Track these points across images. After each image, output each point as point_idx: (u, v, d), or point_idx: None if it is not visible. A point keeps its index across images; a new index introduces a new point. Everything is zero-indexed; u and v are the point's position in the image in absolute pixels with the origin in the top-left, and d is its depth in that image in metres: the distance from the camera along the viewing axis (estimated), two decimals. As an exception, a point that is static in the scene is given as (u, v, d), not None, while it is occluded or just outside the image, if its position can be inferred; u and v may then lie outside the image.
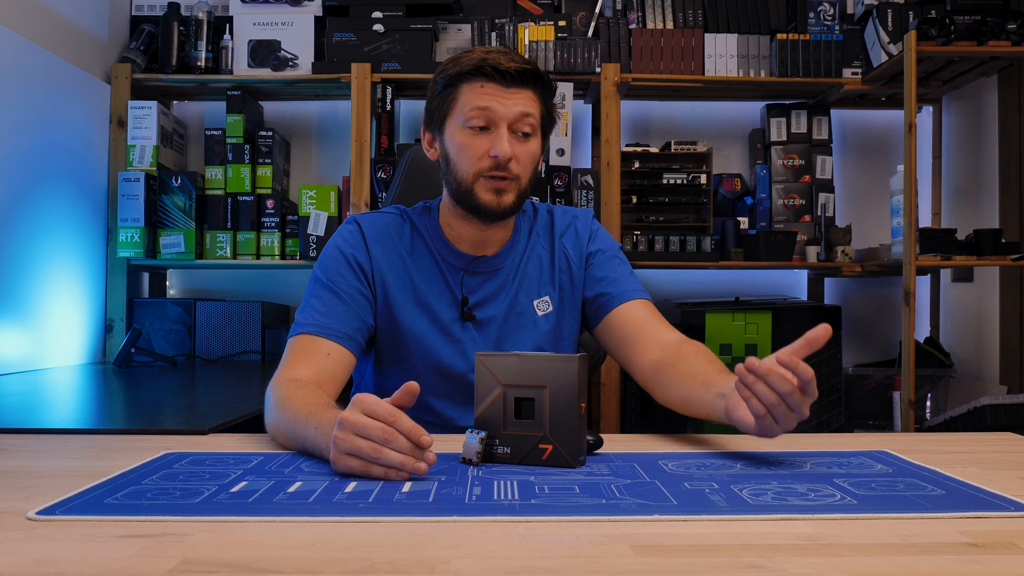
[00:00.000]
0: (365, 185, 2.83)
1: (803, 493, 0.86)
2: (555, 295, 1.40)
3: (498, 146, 1.25)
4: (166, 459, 1.02)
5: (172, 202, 2.87)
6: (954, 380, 2.95)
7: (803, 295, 3.25)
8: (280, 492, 0.85)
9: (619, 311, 1.36)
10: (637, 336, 1.33)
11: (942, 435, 1.34)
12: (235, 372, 2.47)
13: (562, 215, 1.45)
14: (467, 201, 1.30)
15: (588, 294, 1.41)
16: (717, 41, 2.97)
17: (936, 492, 0.87)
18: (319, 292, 1.31)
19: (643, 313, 1.36)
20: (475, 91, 1.27)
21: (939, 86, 3.00)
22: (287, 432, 1.08)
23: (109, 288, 2.85)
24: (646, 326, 1.34)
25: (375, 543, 0.70)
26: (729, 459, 1.05)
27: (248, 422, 1.45)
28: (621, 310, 1.36)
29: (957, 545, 0.70)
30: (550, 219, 1.44)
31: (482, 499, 0.83)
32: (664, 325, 1.35)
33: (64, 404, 1.77)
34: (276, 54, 2.91)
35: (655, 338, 1.32)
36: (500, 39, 2.90)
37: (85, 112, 2.74)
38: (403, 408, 0.93)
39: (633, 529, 0.74)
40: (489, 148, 1.26)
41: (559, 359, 1.01)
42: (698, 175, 2.99)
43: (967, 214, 3.03)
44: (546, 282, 1.40)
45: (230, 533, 0.72)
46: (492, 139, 1.26)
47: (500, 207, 1.29)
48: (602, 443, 1.10)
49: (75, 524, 0.75)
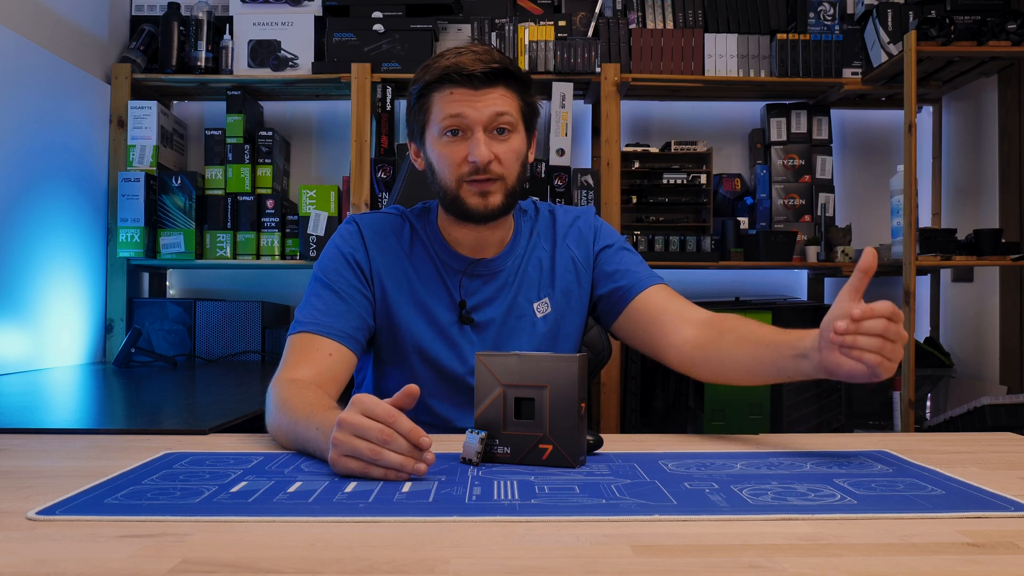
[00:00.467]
0: (365, 185, 2.83)
1: (803, 493, 0.86)
2: (555, 297, 1.39)
3: (474, 151, 1.24)
4: (166, 459, 1.02)
5: (172, 202, 2.87)
6: (954, 380, 2.95)
7: (803, 295, 3.25)
8: (280, 492, 0.85)
9: (639, 300, 1.35)
10: (664, 318, 1.32)
11: (942, 435, 1.34)
12: (235, 372, 2.47)
13: (564, 215, 1.44)
14: (455, 207, 1.29)
15: (601, 291, 1.39)
16: (717, 41, 2.97)
17: (936, 492, 0.87)
18: (319, 291, 1.30)
19: (664, 296, 1.35)
20: (445, 99, 1.26)
21: (939, 86, 3.00)
22: (288, 433, 1.08)
23: (109, 288, 2.85)
24: (670, 307, 1.33)
25: (375, 543, 0.70)
26: (729, 459, 1.05)
27: (248, 422, 1.45)
28: (641, 299, 1.35)
29: (957, 545, 0.70)
30: (552, 220, 1.43)
31: (482, 499, 0.83)
32: (689, 305, 1.34)
33: (64, 404, 1.77)
34: (276, 54, 2.91)
35: (685, 316, 1.31)
36: (500, 39, 2.90)
37: (85, 112, 2.74)
38: (403, 410, 0.93)
39: (633, 529, 0.74)
40: (467, 154, 1.25)
41: (559, 359, 1.01)
42: (698, 175, 2.99)
43: (967, 214, 3.03)
44: (545, 284, 1.39)
45: (230, 533, 0.72)
46: (469, 144, 1.26)
47: (488, 209, 1.28)
48: (602, 443, 1.10)
49: (75, 524, 0.75)
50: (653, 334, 1.33)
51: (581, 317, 1.42)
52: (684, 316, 1.31)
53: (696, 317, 1.31)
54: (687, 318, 1.31)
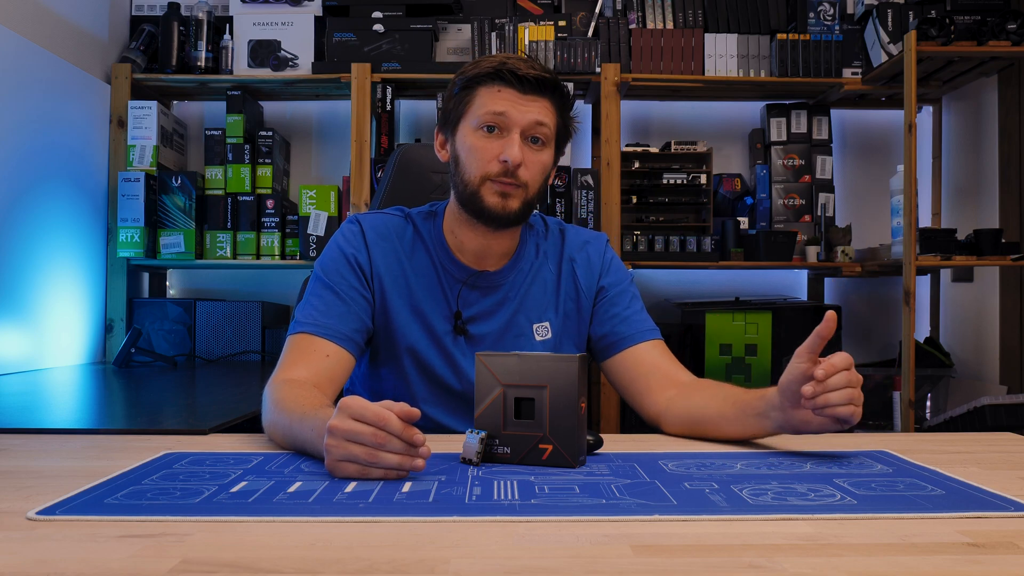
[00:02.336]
0: (365, 185, 2.83)
1: (803, 493, 0.86)
2: (556, 321, 1.38)
3: (508, 150, 1.24)
4: (166, 459, 1.02)
5: (172, 202, 2.87)
6: (954, 380, 2.95)
7: (803, 295, 3.25)
8: (280, 492, 0.85)
9: (631, 353, 1.35)
10: (651, 376, 1.32)
11: (942, 435, 1.34)
12: (235, 372, 2.47)
13: (575, 236, 1.42)
14: (472, 204, 1.28)
15: (597, 331, 1.38)
16: (717, 41, 2.97)
17: (936, 492, 0.87)
18: (319, 291, 1.30)
19: (656, 355, 1.35)
20: (492, 95, 1.25)
21: (939, 86, 3.00)
22: (284, 433, 1.08)
23: (109, 288, 2.85)
24: (661, 366, 1.33)
25: (375, 543, 0.70)
26: (729, 459, 1.05)
27: (248, 422, 1.45)
28: (633, 352, 1.35)
29: (957, 545, 0.70)
30: (561, 240, 1.41)
31: (482, 499, 0.83)
32: (678, 366, 1.34)
33: (64, 404, 1.77)
34: (276, 54, 2.91)
35: (670, 377, 1.31)
36: (500, 39, 2.90)
37: (85, 112, 2.74)
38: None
39: (633, 529, 0.74)
40: (499, 152, 1.25)
41: (559, 359, 1.01)
42: (698, 175, 2.99)
43: (967, 214, 3.03)
44: (548, 307, 1.38)
45: (230, 533, 0.72)
46: (504, 143, 1.25)
47: (505, 211, 1.27)
48: (602, 443, 1.10)
49: (75, 524, 0.75)
50: (638, 389, 1.33)
51: (577, 346, 1.40)
52: (671, 378, 1.31)
53: (680, 379, 1.31)
54: (673, 380, 1.31)
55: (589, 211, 2.83)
